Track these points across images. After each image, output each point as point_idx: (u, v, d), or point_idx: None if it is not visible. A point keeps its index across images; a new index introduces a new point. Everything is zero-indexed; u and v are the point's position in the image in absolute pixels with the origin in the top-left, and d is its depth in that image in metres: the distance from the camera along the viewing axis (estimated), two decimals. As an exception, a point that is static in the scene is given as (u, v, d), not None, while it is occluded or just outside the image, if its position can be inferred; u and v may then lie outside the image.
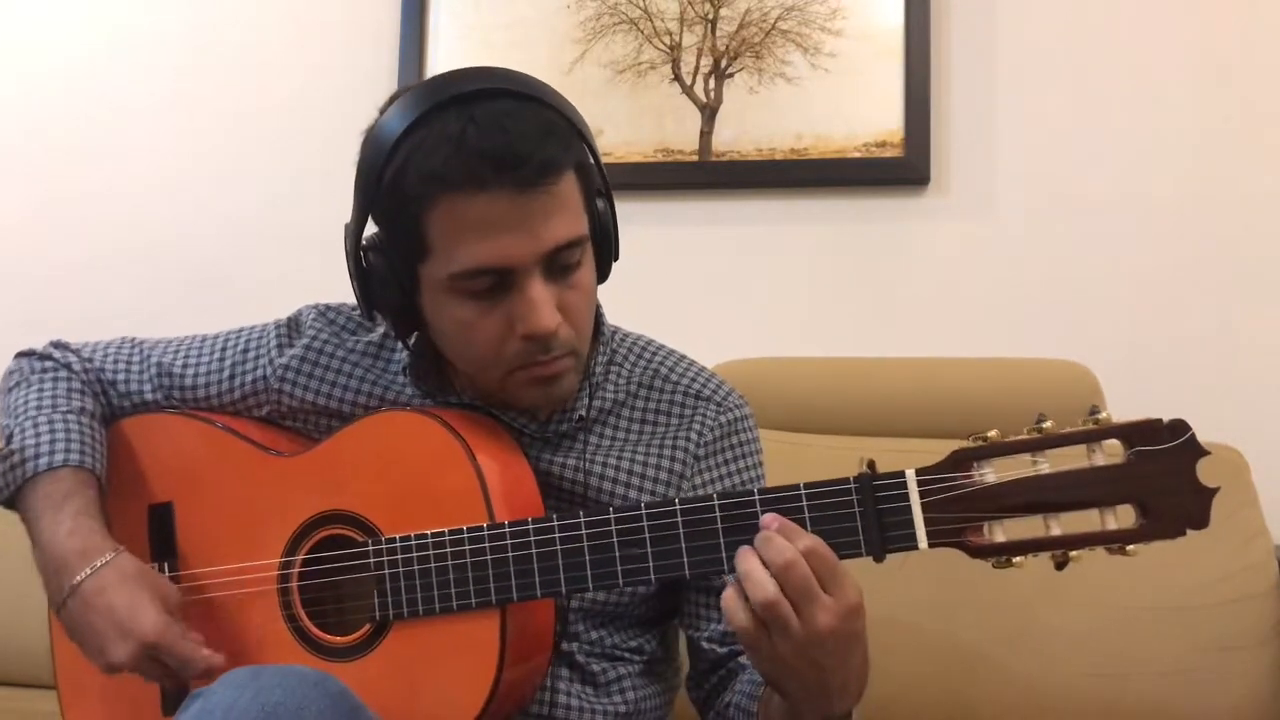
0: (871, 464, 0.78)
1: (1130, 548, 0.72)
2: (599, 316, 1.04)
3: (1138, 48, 1.74)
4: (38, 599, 0.96)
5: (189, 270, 2.02)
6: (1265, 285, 1.67)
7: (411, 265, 0.91)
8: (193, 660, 0.91)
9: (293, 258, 1.98)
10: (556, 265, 0.90)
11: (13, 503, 1.00)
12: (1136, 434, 0.72)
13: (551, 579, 0.87)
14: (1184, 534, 0.71)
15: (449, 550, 0.89)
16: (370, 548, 0.93)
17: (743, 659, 1.01)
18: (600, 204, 0.96)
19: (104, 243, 2.06)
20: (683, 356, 1.10)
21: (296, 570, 0.97)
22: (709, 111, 1.86)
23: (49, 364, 1.09)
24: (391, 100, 0.92)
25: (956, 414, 1.55)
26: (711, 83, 1.86)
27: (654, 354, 1.09)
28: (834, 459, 1.47)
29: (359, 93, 1.98)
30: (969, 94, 1.79)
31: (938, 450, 1.74)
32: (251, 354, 1.09)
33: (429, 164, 0.86)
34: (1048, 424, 0.74)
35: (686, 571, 0.83)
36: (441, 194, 0.86)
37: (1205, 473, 0.73)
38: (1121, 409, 1.56)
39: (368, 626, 0.93)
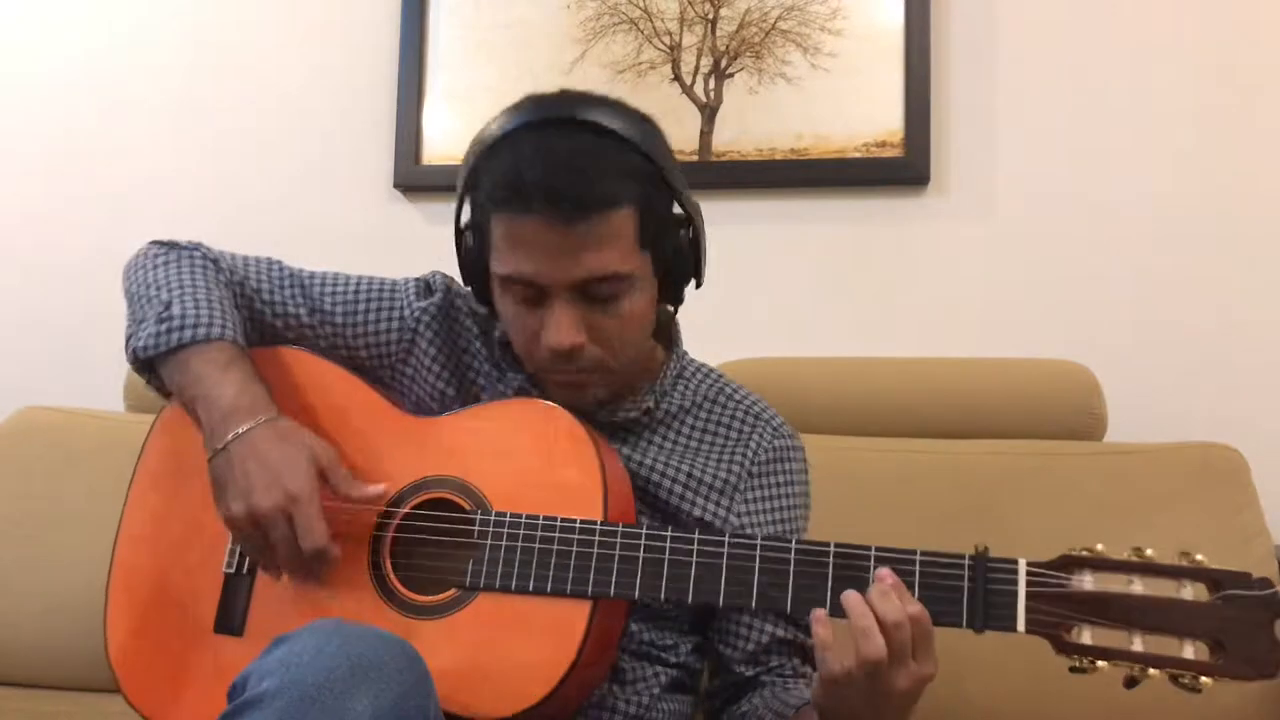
0: (985, 549, 0.85)
1: (1203, 680, 0.78)
2: (676, 333, 1.15)
3: (1138, 48, 1.74)
4: (38, 599, 0.96)
5: (189, 270, 2.03)
6: (1265, 285, 1.68)
7: (485, 256, 1.02)
8: (314, 533, 0.94)
9: (292, 257, 1.97)
10: (590, 293, 0.97)
11: (151, 364, 1.05)
12: (1226, 580, 0.79)
13: (653, 584, 0.91)
14: (1253, 680, 0.78)
15: (558, 536, 0.94)
16: (478, 516, 0.96)
17: (764, 678, 1.05)
18: (683, 234, 1.02)
19: (104, 243, 2.06)
20: (740, 385, 1.18)
21: (396, 521, 1.00)
22: (709, 111, 1.86)
23: (198, 256, 1.14)
24: (510, 107, 1.01)
25: (956, 414, 1.55)
26: (711, 83, 1.86)
27: (717, 378, 1.17)
28: (834, 459, 1.47)
29: (359, 93, 1.99)
30: (969, 94, 1.79)
31: (938, 450, 1.72)
32: (388, 295, 1.15)
33: (496, 182, 0.96)
34: (1149, 552, 0.81)
35: (788, 608, 0.88)
36: (499, 208, 0.96)
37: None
38: (1121, 409, 1.56)
39: (453, 592, 0.95)
